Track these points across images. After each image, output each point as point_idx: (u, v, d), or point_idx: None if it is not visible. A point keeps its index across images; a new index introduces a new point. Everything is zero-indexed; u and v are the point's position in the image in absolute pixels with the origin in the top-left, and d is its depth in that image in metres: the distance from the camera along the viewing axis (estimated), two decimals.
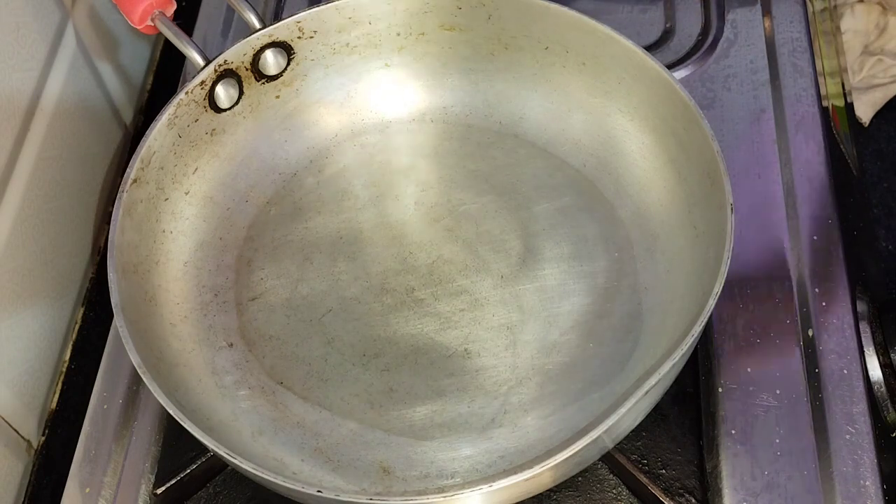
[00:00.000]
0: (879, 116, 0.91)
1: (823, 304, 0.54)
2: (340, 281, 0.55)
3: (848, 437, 0.50)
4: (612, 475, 0.51)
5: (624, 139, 0.56)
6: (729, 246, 0.45)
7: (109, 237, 0.49)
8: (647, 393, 0.42)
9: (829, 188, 0.59)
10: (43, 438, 0.57)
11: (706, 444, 0.51)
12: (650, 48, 0.66)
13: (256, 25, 0.55)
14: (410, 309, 0.54)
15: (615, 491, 0.50)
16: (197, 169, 0.56)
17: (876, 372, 0.53)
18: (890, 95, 0.90)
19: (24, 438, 0.56)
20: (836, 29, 0.73)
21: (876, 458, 0.49)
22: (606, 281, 0.54)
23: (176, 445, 0.53)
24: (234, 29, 0.70)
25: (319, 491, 0.41)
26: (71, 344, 0.61)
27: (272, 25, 0.56)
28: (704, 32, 0.67)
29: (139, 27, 0.55)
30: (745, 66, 0.64)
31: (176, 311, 0.53)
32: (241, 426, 0.50)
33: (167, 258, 0.54)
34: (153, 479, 0.52)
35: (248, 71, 0.56)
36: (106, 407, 0.54)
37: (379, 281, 0.55)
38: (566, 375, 0.51)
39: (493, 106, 0.60)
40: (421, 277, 0.55)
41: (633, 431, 0.47)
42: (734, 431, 0.50)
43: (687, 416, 0.52)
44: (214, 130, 0.56)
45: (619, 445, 0.49)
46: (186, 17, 0.69)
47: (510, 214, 0.57)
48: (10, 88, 0.54)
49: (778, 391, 0.51)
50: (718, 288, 0.44)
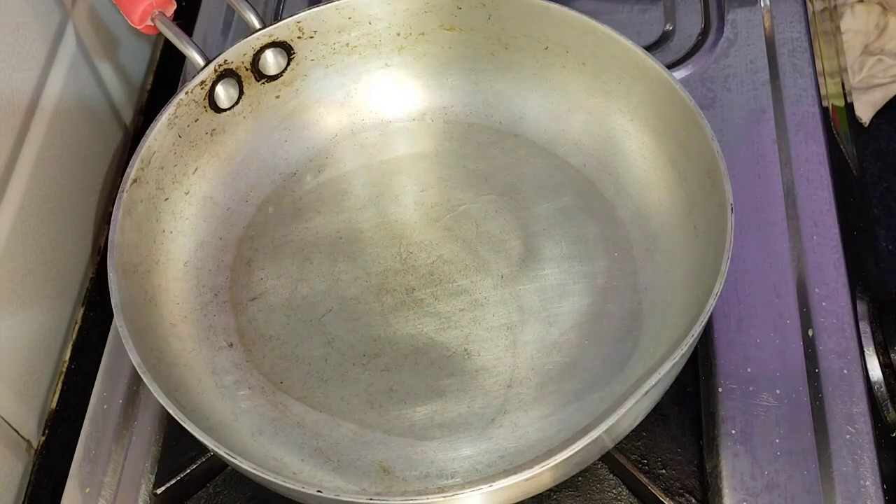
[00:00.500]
0: (879, 116, 0.91)
1: (823, 303, 0.54)
2: (340, 281, 0.55)
3: (848, 437, 0.50)
4: (612, 475, 0.51)
5: (624, 139, 0.56)
6: (729, 246, 0.45)
7: (109, 237, 0.49)
8: (647, 393, 0.42)
9: (829, 188, 0.59)
10: (43, 438, 0.57)
11: (706, 444, 0.51)
12: (650, 48, 0.66)
13: (256, 25, 0.55)
14: (410, 309, 0.54)
15: (615, 491, 0.50)
16: (197, 169, 0.56)
17: (876, 372, 0.53)
18: (890, 95, 0.90)
19: (24, 438, 0.56)
20: (836, 29, 0.73)
21: (876, 458, 0.49)
22: (606, 281, 0.54)
23: (176, 445, 0.53)
24: (234, 29, 0.69)
25: (319, 491, 0.41)
26: (71, 344, 0.61)
27: (272, 25, 0.56)
28: (704, 32, 0.67)
29: (139, 27, 0.55)
30: (745, 66, 0.64)
31: (176, 311, 0.53)
32: (240, 426, 0.50)
33: (167, 258, 0.54)
34: (153, 478, 0.52)
35: (248, 71, 0.56)
36: (106, 407, 0.54)
37: (379, 281, 0.55)
38: (566, 375, 0.51)
39: (493, 106, 0.60)
40: (421, 277, 0.55)
41: (633, 431, 0.47)
42: (734, 431, 0.50)
43: (687, 416, 0.52)
44: (214, 130, 0.56)
45: (619, 445, 0.49)
46: (186, 17, 0.69)
47: (510, 214, 0.57)
48: (9, 88, 0.54)
49: (778, 391, 0.51)
50: (719, 288, 0.44)
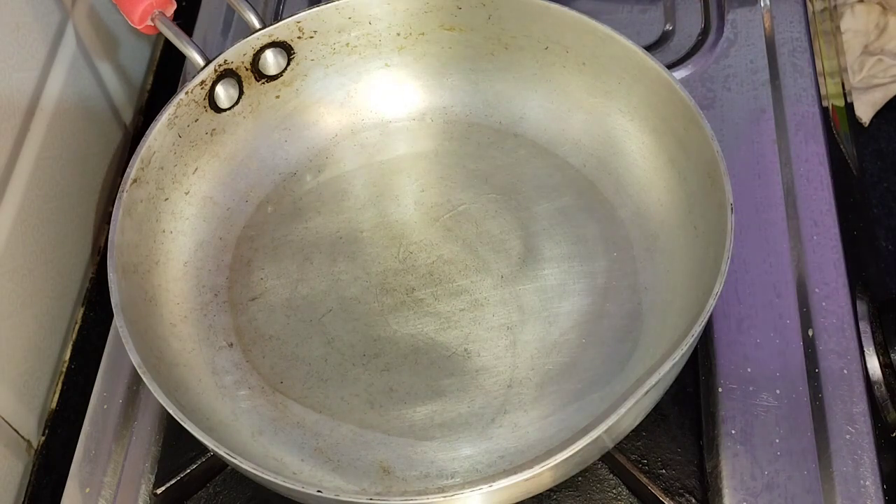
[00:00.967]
0: (879, 116, 0.91)
1: (823, 303, 0.54)
2: (340, 281, 0.55)
3: (848, 436, 0.50)
4: (612, 475, 0.51)
5: (624, 139, 0.56)
6: (729, 246, 0.45)
7: (109, 237, 0.49)
8: (647, 393, 0.42)
9: (829, 188, 0.59)
10: (43, 438, 0.57)
11: (706, 443, 0.51)
12: (650, 48, 0.66)
13: (256, 25, 0.55)
14: (410, 309, 0.54)
15: (615, 491, 0.50)
16: (197, 169, 0.56)
17: (876, 372, 0.53)
18: (890, 95, 0.90)
19: (24, 438, 0.56)
20: (836, 29, 0.73)
21: (876, 457, 0.49)
22: (606, 281, 0.54)
23: (176, 445, 0.53)
24: (234, 29, 0.69)
25: (319, 491, 0.41)
26: (71, 344, 0.61)
27: (272, 25, 0.56)
28: (704, 32, 0.67)
29: (139, 27, 0.55)
30: (745, 66, 0.64)
31: (176, 311, 0.53)
32: (240, 426, 0.50)
33: (167, 258, 0.54)
34: (153, 478, 0.52)
35: (248, 71, 0.56)
36: (106, 407, 0.54)
37: (379, 281, 0.55)
38: (566, 375, 0.51)
39: (493, 106, 0.60)
40: (421, 277, 0.55)
41: (633, 431, 0.47)
42: (734, 431, 0.50)
43: (687, 415, 0.52)
44: (214, 130, 0.56)
45: (619, 445, 0.49)
46: (186, 16, 0.69)
47: (510, 214, 0.57)
48: (10, 88, 0.54)
49: (778, 391, 0.51)
50: (719, 288, 0.44)
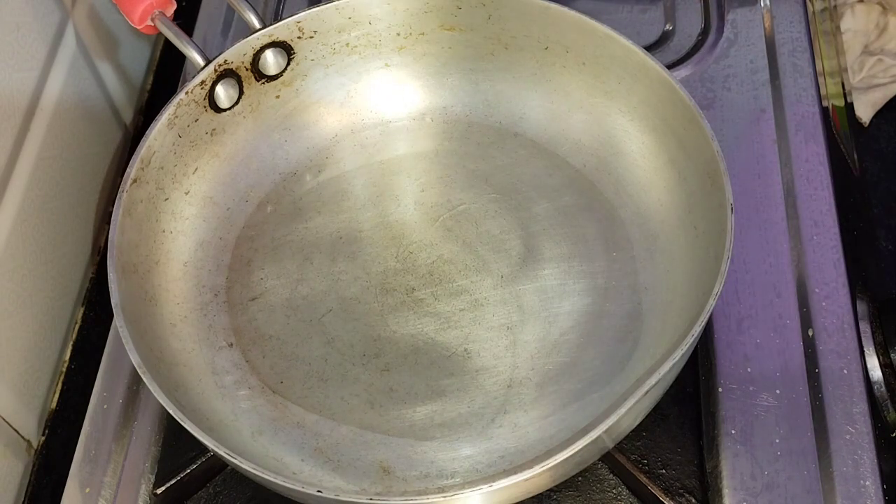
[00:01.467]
0: (879, 116, 0.91)
1: (823, 303, 0.54)
2: (340, 281, 0.55)
3: (848, 436, 0.50)
4: (612, 475, 0.51)
5: (624, 139, 0.56)
6: (729, 246, 0.45)
7: (109, 237, 0.49)
8: (647, 393, 0.42)
9: (829, 188, 0.59)
10: (43, 438, 0.57)
11: (706, 443, 0.51)
12: (650, 48, 0.66)
13: (256, 25, 0.55)
14: (410, 309, 0.54)
15: (615, 491, 0.50)
16: (197, 169, 0.56)
17: (876, 372, 0.53)
18: (890, 95, 0.90)
19: (24, 438, 0.56)
20: (836, 29, 0.73)
21: (876, 457, 0.49)
22: (606, 281, 0.54)
23: (176, 445, 0.53)
24: (234, 29, 0.69)
25: (319, 491, 0.41)
26: (71, 344, 0.61)
27: (272, 25, 0.56)
28: (704, 32, 0.67)
29: (139, 27, 0.55)
30: (745, 65, 0.64)
31: (176, 311, 0.53)
32: (240, 426, 0.50)
33: (167, 258, 0.54)
34: (153, 478, 0.52)
35: (248, 71, 0.56)
36: (106, 407, 0.54)
37: (379, 281, 0.55)
38: (566, 375, 0.51)
39: (493, 106, 0.60)
40: (421, 277, 0.55)
41: (633, 431, 0.47)
42: (734, 431, 0.50)
43: (687, 415, 0.52)
44: (214, 130, 0.56)
45: (619, 445, 0.49)
46: (186, 16, 0.69)
47: (510, 214, 0.57)
48: (9, 88, 0.54)
49: (778, 391, 0.51)
50: (719, 288, 0.44)
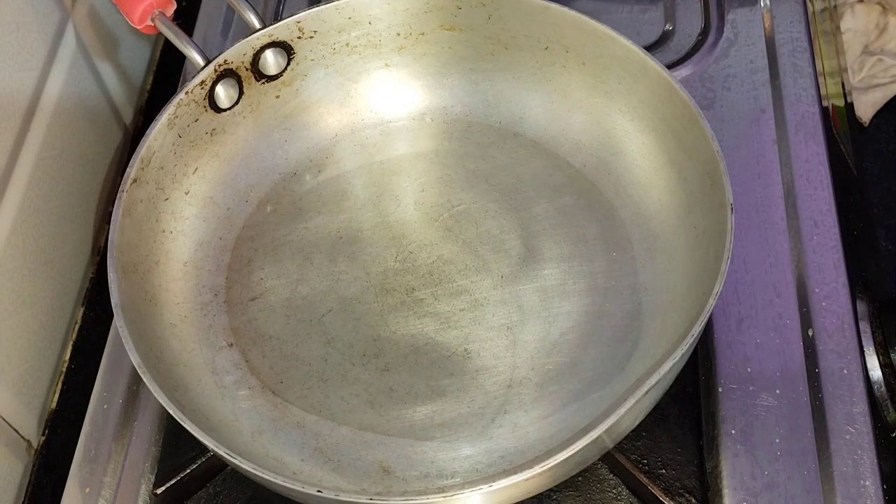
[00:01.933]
0: (879, 116, 0.91)
1: (823, 303, 0.54)
2: (340, 281, 0.55)
3: (848, 436, 0.50)
4: (612, 475, 0.51)
5: (624, 139, 0.56)
6: (729, 246, 0.45)
7: (109, 237, 0.49)
8: (647, 393, 0.42)
9: (829, 188, 0.59)
10: (43, 438, 0.57)
11: (706, 443, 0.51)
12: (650, 48, 0.66)
13: (256, 25, 0.55)
14: (410, 309, 0.54)
15: (615, 491, 0.50)
16: (197, 169, 0.56)
17: (876, 372, 0.53)
18: (890, 95, 0.90)
19: (24, 438, 0.56)
20: (836, 29, 0.73)
21: (876, 457, 0.49)
22: (606, 281, 0.54)
23: (176, 445, 0.53)
24: (234, 29, 0.69)
25: (319, 491, 0.41)
26: (71, 344, 0.61)
27: (272, 25, 0.56)
28: (704, 32, 0.67)
29: (139, 27, 0.55)
30: (745, 65, 0.64)
31: (176, 311, 0.53)
32: (240, 426, 0.50)
33: (167, 258, 0.54)
34: (153, 478, 0.52)
35: (248, 71, 0.56)
36: (106, 407, 0.54)
37: (379, 281, 0.55)
38: (566, 375, 0.51)
39: (493, 106, 0.60)
40: (421, 277, 0.55)
41: (633, 431, 0.47)
42: (734, 431, 0.50)
43: (687, 415, 0.52)
44: (214, 130, 0.56)
45: (619, 445, 0.49)
46: (186, 16, 0.69)
47: (510, 214, 0.57)
48: (10, 88, 0.54)
49: (778, 391, 0.51)
50: (719, 288, 0.44)
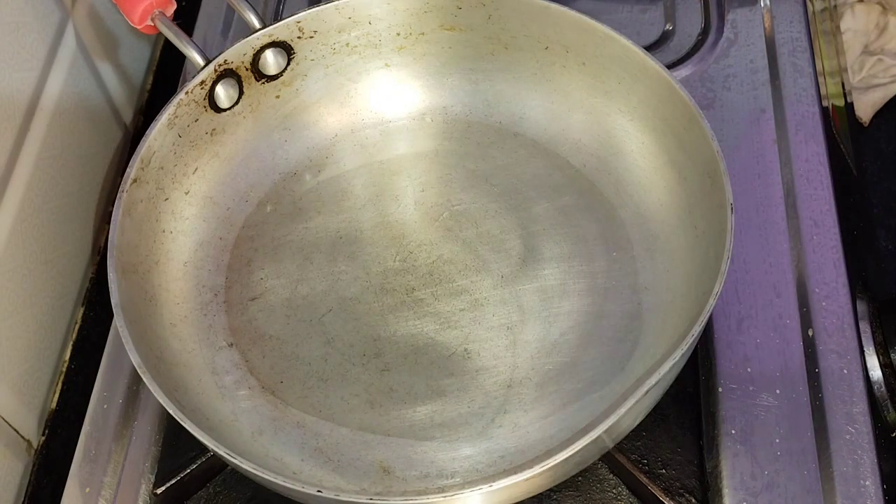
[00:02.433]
0: (879, 116, 0.91)
1: (823, 303, 0.54)
2: (340, 281, 0.55)
3: (848, 436, 0.50)
4: (611, 475, 0.51)
5: (624, 139, 0.56)
6: (729, 246, 0.45)
7: (109, 237, 0.49)
8: (647, 393, 0.42)
9: (829, 188, 0.59)
10: (43, 438, 0.57)
11: (706, 443, 0.51)
12: (650, 48, 0.66)
13: (256, 25, 0.55)
14: (410, 309, 0.54)
15: (615, 491, 0.50)
16: (197, 169, 0.56)
17: (876, 372, 0.53)
18: (890, 95, 0.90)
19: (24, 438, 0.56)
20: (836, 29, 0.73)
21: (876, 457, 0.49)
22: (606, 281, 0.54)
23: (176, 445, 0.53)
24: (234, 29, 0.69)
25: (319, 491, 0.41)
26: (71, 344, 0.61)
27: (272, 25, 0.56)
28: (704, 32, 0.67)
29: (139, 27, 0.55)
30: (745, 65, 0.64)
31: (176, 310, 0.53)
32: (240, 426, 0.50)
33: (167, 258, 0.54)
34: (153, 478, 0.52)
35: (248, 71, 0.56)
36: (106, 407, 0.54)
37: (379, 281, 0.55)
38: (566, 375, 0.51)
39: (493, 106, 0.60)
40: (421, 277, 0.55)
41: (632, 431, 0.47)
42: (734, 431, 0.50)
43: (687, 415, 0.52)
44: (214, 130, 0.56)
45: (618, 445, 0.49)
46: (186, 16, 0.69)
47: (510, 214, 0.57)
48: (9, 88, 0.54)
49: (778, 391, 0.51)
50: (719, 287, 0.44)
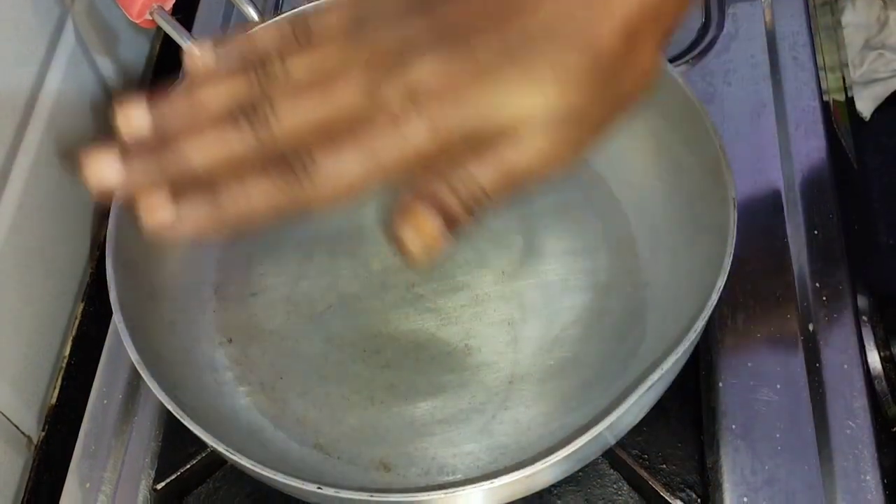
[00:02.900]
0: (880, 111, 0.91)
1: (824, 298, 0.54)
2: (341, 277, 0.55)
3: (848, 431, 0.50)
4: (612, 470, 0.51)
5: (625, 134, 0.56)
6: (731, 241, 0.45)
7: (108, 232, 0.49)
8: (649, 389, 0.42)
9: (829, 183, 0.58)
10: (43, 434, 0.57)
11: (707, 439, 0.51)
12: None
13: (255, 18, 0.55)
14: (411, 305, 0.54)
15: (616, 486, 0.50)
16: None
17: (876, 366, 0.52)
18: (891, 90, 0.90)
19: (23, 434, 0.56)
20: (836, 23, 0.73)
21: (876, 452, 0.49)
22: (608, 276, 0.53)
23: (176, 441, 0.53)
24: (233, 22, 0.69)
25: (319, 487, 0.41)
26: (70, 339, 0.61)
27: (272, 19, 0.55)
28: (705, 27, 0.67)
29: (138, 21, 0.55)
30: (745, 60, 0.64)
31: (175, 307, 0.53)
32: (240, 422, 0.50)
33: (166, 254, 0.54)
34: (153, 474, 0.52)
35: None
36: (106, 402, 0.54)
37: (379, 277, 0.55)
38: (568, 371, 0.51)
39: None
40: (421, 273, 0.55)
41: (633, 426, 0.47)
42: (735, 426, 0.50)
43: (687, 411, 0.52)
44: None
45: (619, 441, 0.49)
46: (185, 10, 0.69)
47: (511, 210, 0.57)
48: (9, 83, 0.54)
49: (778, 386, 0.51)
50: (721, 283, 0.44)
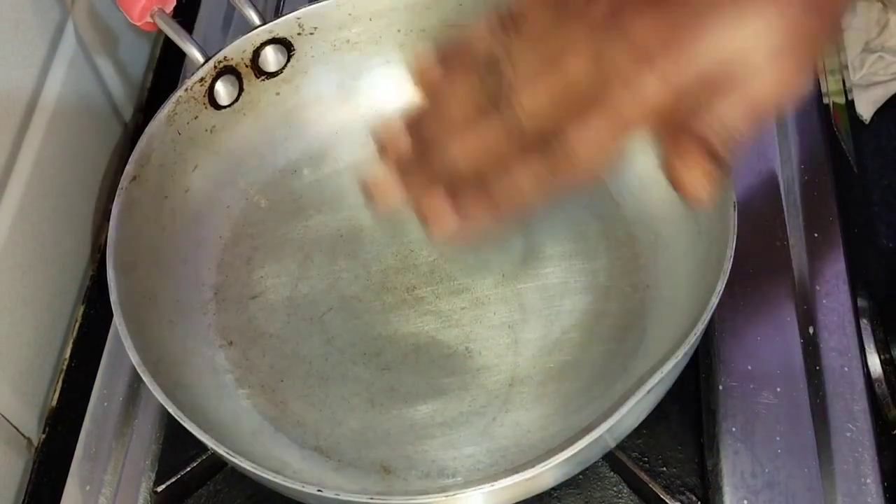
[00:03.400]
0: (880, 113, 0.91)
1: (824, 301, 0.54)
2: (341, 279, 0.55)
3: (849, 434, 0.50)
4: (612, 473, 0.51)
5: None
6: (732, 244, 0.45)
7: (109, 235, 0.49)
8: (649, 391, 0.42)
9: (829, 185, 0.58)
10: (43, 436, 0.57)
11: (707, 441, 0.51)
12: None
13: (256, 22, 0.55)
14: (411, 307, 0.54)
15: (616, 489, 0.50)
16: (196, 166, 0.56)
17: (877, 369, 0.53)
18: (891, 92, 0.90)
19: (24, 436, 0.56)
20: None
21: (877, 455, 0.49)
22: (608, 279, 0.53)
23: (176, 443, 0.53)
24: (233, 25, 0.69)
25: (319, 490, 0.41)
26: (71, 342, 0.61)
27: (272, 22, 0.55)
28: None
29: (139, 24, 0.55)
30: None
31: (175, 309, 0.53)
32: (241, 425, 0.50)
33: (166, 256, 0.54)
34: (154, 476, 0.52)
35: (247, 68, 0.56)
36: (106, 405, 0.54)
37: (379, 279, 0.55)
38: (568, 374, 0.51)
39: None
40: (422, 276, 0.55)
41: (633, 429, 0.47)
42: (735, 429, 0.50)
43: (687, 413, 0.52)
44: (214, 127, 0.56)
45: (619, 443, 0.49)
46: (186, 13, 0.69)
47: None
48: (9, 86, 0.54)
49: (778, 389, 0.51)
50: (721, 286, 0.44)
